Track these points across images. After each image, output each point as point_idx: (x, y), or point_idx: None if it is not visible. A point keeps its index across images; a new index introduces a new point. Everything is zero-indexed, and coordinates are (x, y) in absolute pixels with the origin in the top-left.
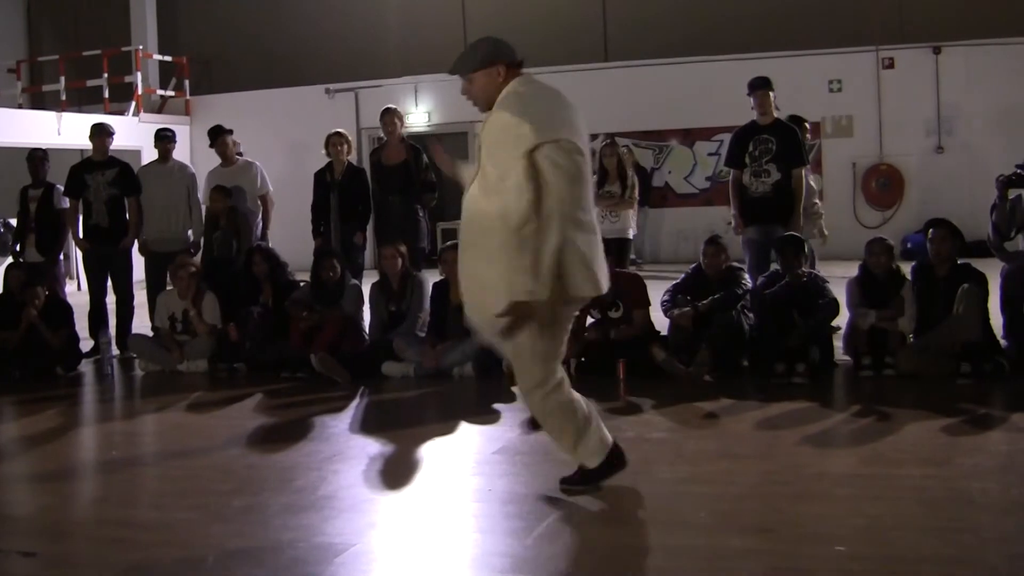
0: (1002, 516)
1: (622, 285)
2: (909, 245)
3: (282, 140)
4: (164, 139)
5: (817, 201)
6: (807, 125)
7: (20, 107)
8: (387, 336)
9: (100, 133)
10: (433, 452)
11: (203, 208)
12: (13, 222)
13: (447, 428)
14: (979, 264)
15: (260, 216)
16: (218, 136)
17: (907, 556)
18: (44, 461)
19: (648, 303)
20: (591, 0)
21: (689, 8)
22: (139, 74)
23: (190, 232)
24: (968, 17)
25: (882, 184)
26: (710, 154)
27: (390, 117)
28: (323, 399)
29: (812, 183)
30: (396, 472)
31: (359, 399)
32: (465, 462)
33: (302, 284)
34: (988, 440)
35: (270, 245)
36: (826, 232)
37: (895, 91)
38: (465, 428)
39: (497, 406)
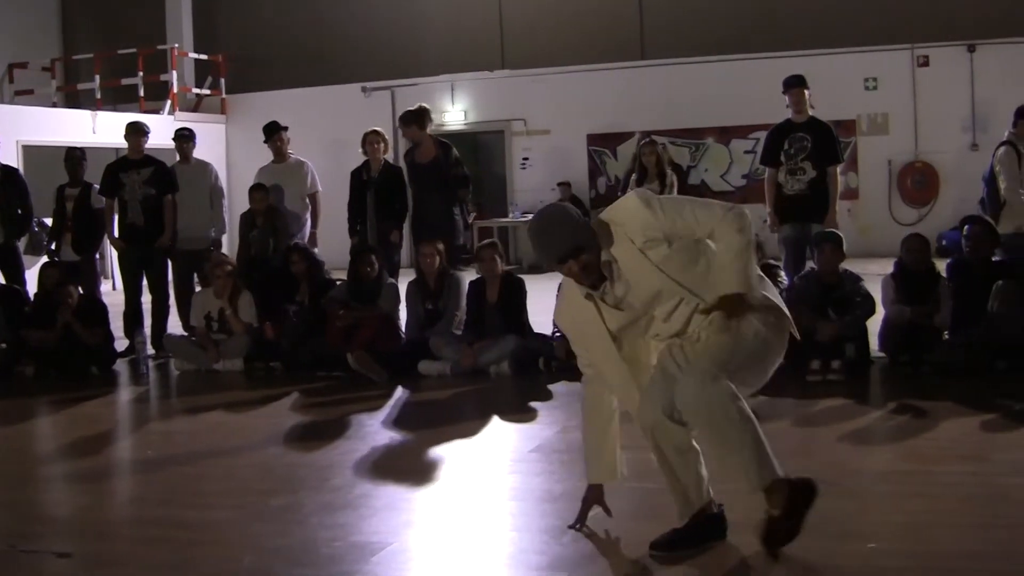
0: None
1: None
2: (944, 242)
3: (318, 138)
4: (182, 139)
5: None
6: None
7: (55, 106)
8: (424, 334)
9: (136, 132)
10: (469, 450)
11: (224, 204)
12: (48, 221)
13: (483, 426)
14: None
15: (308, 215)
16: (274, 133)
17: (943, 552)
18: (80, 461)
19: None
20: None
21: (725, 6)
22: (175, 72)
23: (212, 231)
24: (1003, 15)
25: (918, 181)
26: (746, 152)
27: (370, 140)
28: (360, 398)
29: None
30: (432, 470)
31: (396, 398)
32: (501, 460)
33: (339, 283)
34: None
35: (317, 244)
36: None
37: (930, 89)
38: (501, 426)
39: (534, 404)
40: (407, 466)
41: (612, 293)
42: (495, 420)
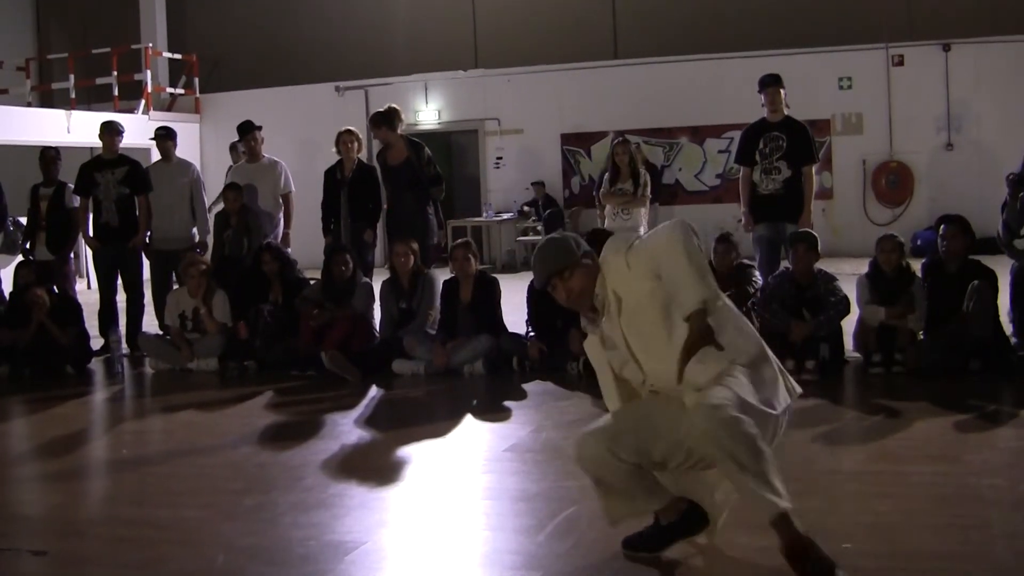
0: (1011, 512)
1: None
2: (919, 242)
3: (292, 138)
4: (161, 137)
5: None
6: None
7: (29, 105)
8: (397, 334)
9: (110, 131)
10: (443, 450)
11: (207, 205)
12: (23, 220)
13: (457, 426)
14: (988, 261)
15: (281, 215)
16: (247, 132)
17: (915, 552)
18: (54, 460)
19: None
20: None
21: (699, 5)
22: (148, 72)
23: (194, 230)
24: (978, 14)
25: (892, 181)
26: (720, 151)
27: (344, 139)
28: (333, 397)
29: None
30: (406, 470)
31: (369, 397)
32: (475, 460)
33: (312, 282)
34: (997, 436)
35: (290, 244)
36: None
37: (905, 88)
38: (475, 426)
39: (507, 403)
40: (381, 465)
41: (600, 327)
42: (469, 419)
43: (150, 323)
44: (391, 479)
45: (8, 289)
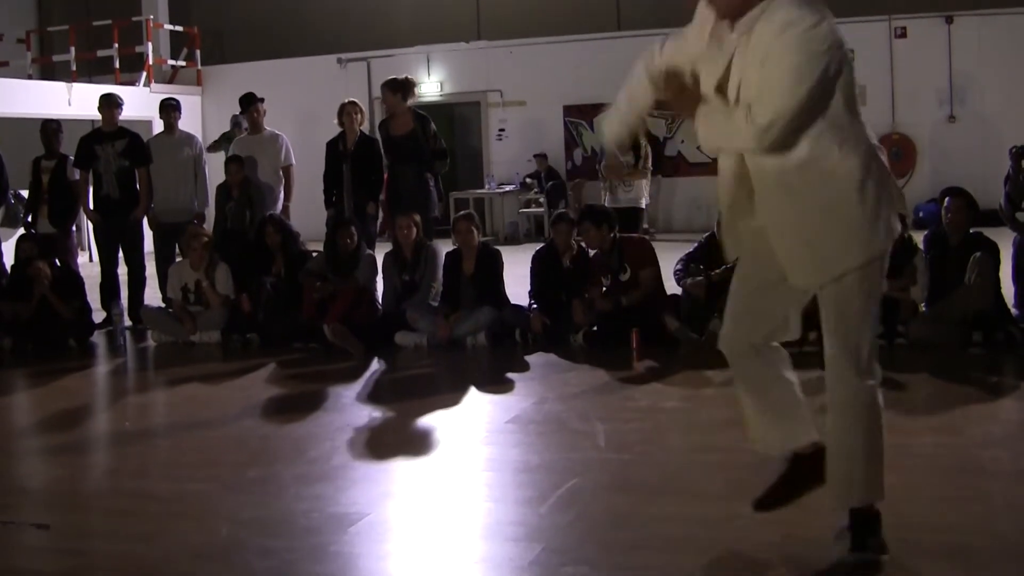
0: (1013, 484)
1: (628, 248)
2: (921, 214)
3: (294, 110)
4: (168, 108)
5: None
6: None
7: (30, 78)
8: (400, 306)
9: (109, 104)
10: (446, 422)
11: (208, 177)
12: (24, 193)
13: (460, 398)
14: (990, 233)
15: (282, 188)
16: (250, 104)
17: (917, 524)
18: (57, 433)
19: (656, 264)
20: None
21: None
22: (150, 44)
23: (195, 203)
24: None
25: (894, 154)
26: None
27: (347, 111)
28: (336, 370)
29: None
30: (409, 442)
31: (372, 370)
32: (478, 432)
33: (314, 255)
34: (1000, 409)
35: (290, 218)
36: None
37: (907, 61)
38: (478, 398)
39: (510, 375)
40: (384, 438)
41: (717, 39)
42: (471, 391)
43: (152, 296)
44: (394, 451)
45: (10, 262)
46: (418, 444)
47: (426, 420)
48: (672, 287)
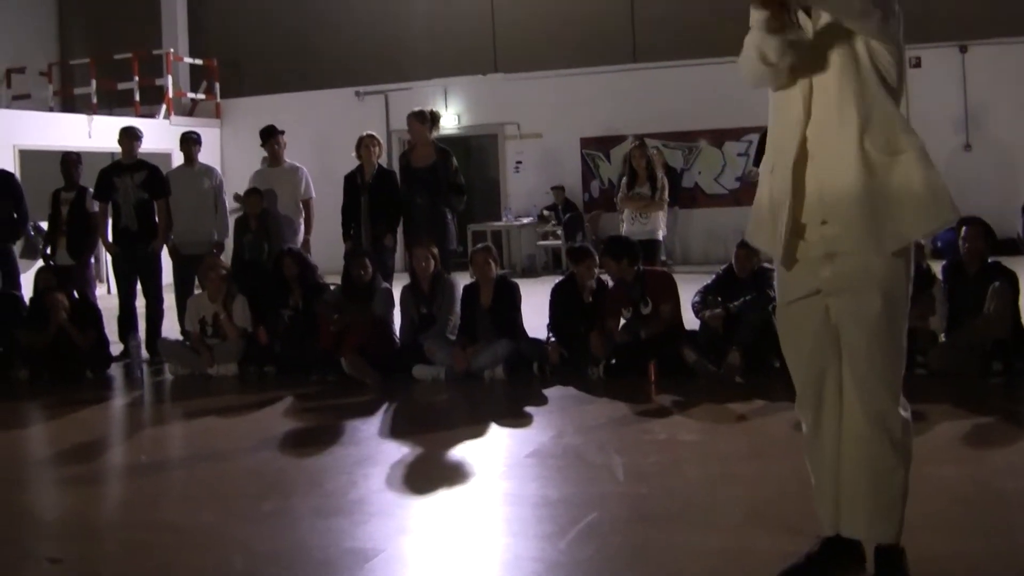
0: None
1: (651, 281)
2: (939, 244)
3: (312, 143)
4: (189, 141)
5: None
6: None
7: (51, 110)
8: (417, 338)
9: (128, 136)
10: (464, 456)
11: (228, 209)
12: (44, 225)
13: (478, 431)
14: (1007, 262)
15: (302, 220)
16: (271, 136)
17: (938, 555)
18: (72, 464)
19: (676, 298)
20: (619, 1)
21: (717, 8)
22: (169, 77)
23: (216, 235)
24: (994, 15)
25: None
26: (739, 154)
27: (366, 143)
28: (353, 402)
29: None
30: (426, 476)
31: (389, 402)
32: (496, 466)
33: (332, 287)
34: (1020, 438)
35: (310, 251)
36: None
37: (922, 90)
38: (496, 431)
39: (528, 409)
40: (401, 471)
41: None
42: (490, 425)
43: (169, 327)
44: (411, 485)
45: (29, 293)
46: (436, 478)
47: (444, 454)
48: (690, 319)
